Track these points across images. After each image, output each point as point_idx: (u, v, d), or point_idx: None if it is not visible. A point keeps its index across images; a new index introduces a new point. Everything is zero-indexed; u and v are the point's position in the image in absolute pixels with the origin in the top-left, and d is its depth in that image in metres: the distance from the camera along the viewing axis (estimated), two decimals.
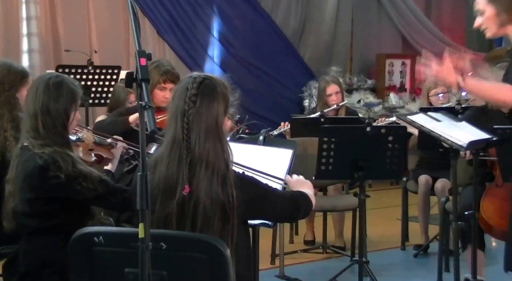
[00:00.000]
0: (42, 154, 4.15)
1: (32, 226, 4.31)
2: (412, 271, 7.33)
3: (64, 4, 10.57)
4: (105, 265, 3.35)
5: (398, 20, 14.08)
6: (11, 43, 10.20)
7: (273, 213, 3.77)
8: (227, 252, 3.22)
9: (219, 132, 3.52)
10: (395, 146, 6.26)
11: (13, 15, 10.20)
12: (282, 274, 6.87)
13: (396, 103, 12.72)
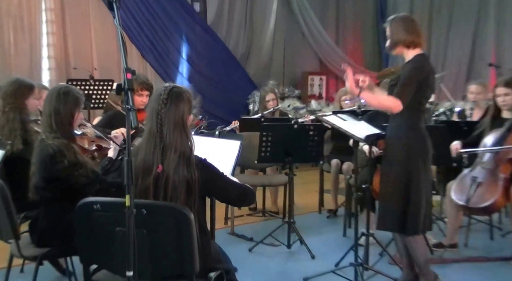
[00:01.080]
0: (53, 145, 4.21)
1: (48, 197, 4.34)
2: (326, 228, 7.35)
3: (73, 35, 10.49)
4: (102, 225, 3.35)
5: (316, 47, 14.14)
6: (35, 63, 10.11)
7: (223, 196, 3.76)
8: (191, 216, 3.22)
9: (185, 126, 3.52)
10: (315, 138, 6.32)
11: (37, 43, 10.11)
12: (233, 231, 6.89)
13: (316, 107, 12.77)
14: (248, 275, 5.11)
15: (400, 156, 4.76)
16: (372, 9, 15.30)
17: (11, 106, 5.19)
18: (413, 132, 4.73)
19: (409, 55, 4.75)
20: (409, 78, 4.61)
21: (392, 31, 4.76)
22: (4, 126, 5.13)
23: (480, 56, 13.76)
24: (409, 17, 4.90)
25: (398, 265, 5.47)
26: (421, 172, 4.72)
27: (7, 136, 5.07)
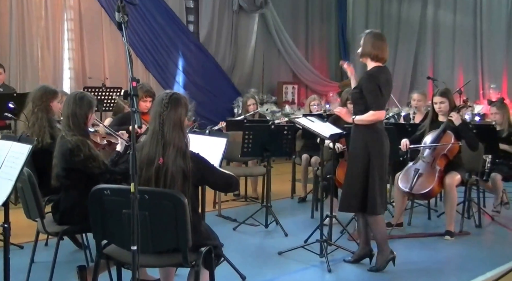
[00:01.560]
0: (71, 141, 4.21)
1: (67, 184, 4.32)
2: (297, 211, 7.36)
3: (89, 51, 10.49)
4: (111, 208, 3.34)
5: (289, 61, 14.18)
6: (58, 74, 10.11)
7: (212, 183, 3.74)
8: (185, 201, 3.21)
9: (182, 126, 3.53)
10: (288, 136, 6.32)
11: (59, 58, 10.11)
12: (220, 214, 6.85)
13: (289, 111, 12.76)
14: (233, 250, 5.09)
15: (360, 151, 4.81)
16: (334, 30, 15.35)
17: (39, 107, 5.16)
18: (370, 132, 4.76)
19: (370, 65, 4.79)
20: (371, 88, 4.66)
21: (363, 42, 4.78)
22: (34, 123, 5.12)
23: (420, 71, 13.92)
24: (379, 34, 4.88)
25: (356, 241, 5.49)
26: (376, 165, 4.76)
27: (37, 132, 5.06)
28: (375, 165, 4.76)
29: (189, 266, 3.37)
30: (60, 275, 4.44)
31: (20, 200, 5.74)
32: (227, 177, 3.69)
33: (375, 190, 4.77)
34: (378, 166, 4.78)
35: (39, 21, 9.71)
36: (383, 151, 4.81)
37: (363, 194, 4.81)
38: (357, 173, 4.83)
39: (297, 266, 5.10)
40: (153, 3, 11.29)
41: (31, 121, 5.13)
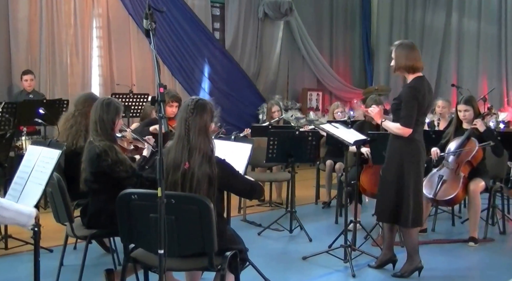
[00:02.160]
0: (99, 146, 4.24)
1: (95, 188, 4.35)
2: (321, 216, 7.34)
3: (117, 58, 10.55)
4: (138, 212, 3.35)
5: (314, 68, 14.11)
6: (86, 80, 10.17)
7: (236, 190, 3.76)
8: (211, 205, 3.22)
9: (207, 131, 3.54)
10: (313, 142, 6.30)
11: (87, 64, 10.19)
12: (245, 219, 6.86)
13: (313, 117, 12.74)
14: (257, 254, 5.07)
15: (396, 162, 4.75)
16: (358, 38, 15.27)
17: (79, 111, 5.22)
18: (408, 143, 4.70)
19: (409, 78, 4.73)
20: (409, 103, 4.60)
21: (396, 56, 4.71)
22: (73, 126, 5.17)
23: (444, 78, 13.78)
24: (410, 44, 4.81)
25: (380, 246, 5.47)
26: (412, 176, 4.70)
27: (73, 135, 5.11)
28: (410, 176, 4.70)
29: (215, 270, 3.37)
30: (88, 278, 4.47)
31: (49, 205, 5.82)
32: (251, 184, 3.69)
33: (409, 203, 4.70)
34: (414, 178, 4.71)
35: (68, 29, 9.81)
36: (419, 163, 4.75)
37: (396, 205, 4.75)
38: (391, 183, 4.78)
39: (321, 271, 5.09)
40: (179, 11, 11.35)
41: (70, 123, 5.19)
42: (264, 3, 12.78)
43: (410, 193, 4.71)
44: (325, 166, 7.69)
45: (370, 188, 6.04)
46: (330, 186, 7.82)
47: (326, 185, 7.83)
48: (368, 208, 7.34)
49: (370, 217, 6.82)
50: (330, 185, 7.81)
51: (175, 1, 11.20)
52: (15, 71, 9.03)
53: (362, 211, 6.63)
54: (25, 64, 9.16)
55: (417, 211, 4.79)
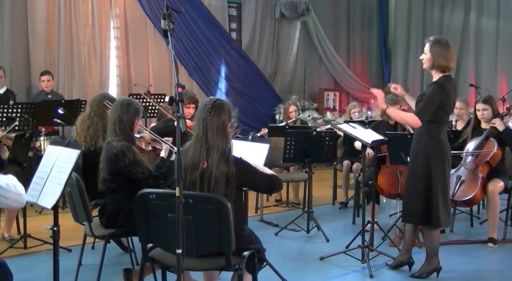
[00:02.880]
0: (117, 146, 4.27)
1: (113, 188, 4.38)
2: (338, 217, 7.33)
3: (134, 58, 10.57)
4: (156, 212, 3.37)
5: (331, 68, 14.05)
6: (104, 81, 10.22)
7: (255, 186, 3.76)
8: (228, 205, 3.23)
9: (225, 131, 3.55)
10: (330, 143, 6.27)
11: (105, 64, 10.23)
12: (262, 219, 6.87)
13: (330, 118, 12.70)
14: (274, 255, 5.08)
15: (421, 162, 4.71)
16: (375, 37, 15.19)
17: (95, 112, 5.26)
18: (433, 142, 4.66)
19: (436, 75, 4.68)
20: (430, 99, 4.56)
21: (431, 53, 4.64)
22: (90, 127, 5.22)
23: (462, 78, 13.66)
24: (447, 43, 4.74)
25: (397, 247, 5.46)
26: (438, 176, 4.66)
27: (91, 136, 5.16)
28: (437, 176, 4.66)
29: (232, 269, 3.38)
30: (107, 277, 4.51)
31: (67, 204, 5.87)
32: (269, 179, 3.69)
33: (438, 202, 4.66)
34: (440, 177, 4.68)
35: (86, 29, 9.87)
36: (446, 162, 4.71)
37: (424, 206, 4.71)
38: (418, 184, 4.74)
39: (339, 271, 5.08)
40: (196, 11, 11.37)
41: (87, 124, 5.23)
42: (280, 3, 12.77)
43: (439, 192, 4.66)
44: (342, 166, 7.68)
45: (388, 189, 6.02)
46: (347, 187, 7.80)
47: (343, 185, 7.82)
48: (385, 208, 7.32)
49: (388, 217, 6.83)
50: (347, 186, 7.80)
51: (192, 2, 11.23)
52: (34, 71, 9.10)
53: (379, 211, 6.61)
54: (44, 65, 9.24)
55: (446, 210, 4.77)
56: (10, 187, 2.60)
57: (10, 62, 8.95)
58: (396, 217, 6.17)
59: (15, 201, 2.63)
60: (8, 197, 2.59)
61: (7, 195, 2.59)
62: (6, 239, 5.78)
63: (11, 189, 2.61)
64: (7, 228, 5.89)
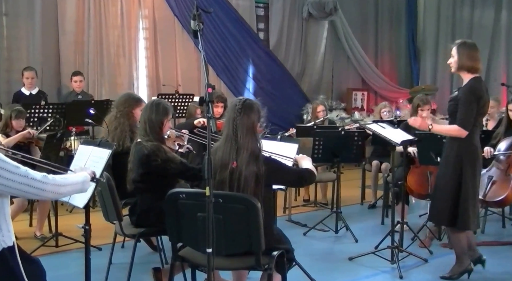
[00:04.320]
0: (147, 146, 4.29)
1: (142, 188, 4.41)
2: (367, 217, 7.29)
3: (163, 59, 10.62)
4: (186, 211, 3.40)
5: (358, 68, 13.96)
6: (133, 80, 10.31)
7: (286, 181, 3.80)
8: (258, 205, 3.24)
9: (255, 131, 3.57)
10: (358, 142, 6.26)
11: (134, 65, 10.30)
12: (290, 219, 6.86)
13: (358, 117, 12.63)
14: (303, 255, 5.07)
15: (452, 164, 4.67)
16: (404, 36, 15.07)
17: (121, 113, 5.30)
18: (465, 144, 4.60)
19: (466, 77, 4.65)
20: (468, 106, 4.52)
21: (458, 55, 4.63)
22: (117, 128, 5.26)
23: (493, 77, 13.49)
24: (473, 44, 4.74)
25: (427, 248, 5.42)
26: (469, 179, 4.61)
27: (119, 137, 5.20)
28: (468, 179, 4.61)
29: (262, 269, 3.39)
30: (136, 276, 4.55)
31: (97, 204, 5.94)
32: (299, 172, 3.71)
33: (467, 205, 4.61)
34: (471, 180, 4.63)
35: (115, 30, 9.96)
36: (476, 165, 4.66)
37: (452, 208, 4.66)
38: (447, 186, 4.69)
39: (368, 272, 5.07)
40: (224, 11, 11.40)
41: (113, 126, 5.28)
42: (308, 3, 12.74)
43: (469, 195, 4.61)
44: (371, 166, 7.65)
45: (417, 189, 5.98)
46: (376, 187, 7.76)
47: (372, 185, 7.78)
48: (414, 209, 7.26)
49: (417, 218, 6.77)
50: (376, 186, 7.76)
51: (219, 2, 11.25)
52: (64, 72, 9.20)
53: (408, 212, 6.54)
54: (74, 65, 9.34)
55: (474, 214, 4.71)
56: (46, 179, 2.63)
57: (41, 63, 9.06)
58: (426, 217, 6.11)
59: (52, 192, 2.66)
60: (45, 189, 2.62)
61: (44, 187, 2.62)
62: (38, 238, 5.88)
63: (48, 181, 2.63)
64: (39, 227, 5.99)
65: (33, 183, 2.58)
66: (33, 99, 7.91)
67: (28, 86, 8.14)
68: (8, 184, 2.53)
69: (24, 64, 8.66)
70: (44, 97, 8.00)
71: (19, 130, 6.12)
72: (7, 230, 2.66)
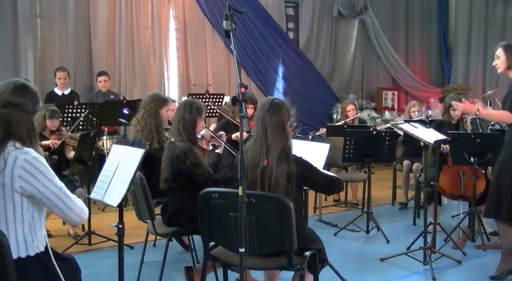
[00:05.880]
0: (179, 146, 4.33)
1: (175, 187, 4.44)
2: (398, 217, 7.24)
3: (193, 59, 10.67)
4: (218, 211, 3.40)
5: (389, 66, 13.87)
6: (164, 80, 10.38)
7: (315, 184, 3.74)
8: (290, 205, 3.23)
9: (285, 129, 3.57)
10: (389, 142, 6.21)
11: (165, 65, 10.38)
12: (320, 219, 6.84)
13: (389, 117, 12.54)
14: (334, 255, 5.03)
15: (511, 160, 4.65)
16: (435, 35, 14.91)
17: (148, 113, 5.35)
18: None
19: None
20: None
21: (507, 55, 4.66)
22: (144, 128, 5.31)
23: None
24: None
25: (461, 249, 5.36)
26: None
27: (146, 137, 5.24)
28: None
29: (294, 269, 3.38)
30: (168, 274, 4.58)
31: (129, 202, 5.99)
32: (330, 178, 3.69)
33: None
34: None
35: (146, 31, 10.04)
36: None
37: (509, 203, 4.60)
38: (505, 181, 4.64)
39: (400, 273, 5.02)
40: (253, 11, 11.41)
41: (141, 125, 5.32)
42: (338, 2, 12.68)
43: None
44: (402, 166, 7.58)
45: (450, 189, 5.91)
46: (407, 187, 7.70)
47: (403, 185, 7.72)
48: (447, 209, 7.18)
49: (450, 218, 6.70)
50: (407, 186, 7.70)
51: (249, 2, 11.26)
52: (96, 72, 9.27)
53: (440, 212, 6.48)
54: (105, 66, 9.44)
55: None
56: (77, 200, 2.72)
57: (74, 63, 9.18)
58: (459, 218, 6.06)
59: (77, 215, 2.74)
60: (72, 209, 2.70)
61: (72, 207, 2.70)
62: (72, 236, 5.96)
63: (77, 203, 2.71)
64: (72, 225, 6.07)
65: (64, 198, 2.67)
66: (66, 99, 8.02)
67: (60, 86, 8.25)
68: (42, 190, 2.59)
69: (57, 64, 8.78)
70: (77, 97, 8.10)
71: (53, 130, 6.19)
72: (41, 235, 2.74)
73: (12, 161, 2.55)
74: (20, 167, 2.55)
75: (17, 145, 2.61)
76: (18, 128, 2.63)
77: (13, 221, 2.62)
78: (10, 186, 2.56)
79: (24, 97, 2.67)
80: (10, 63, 8.64)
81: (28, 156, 2.58)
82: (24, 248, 2.64)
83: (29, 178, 2.57)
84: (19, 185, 2.56)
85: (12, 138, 2.61)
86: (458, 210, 6.51)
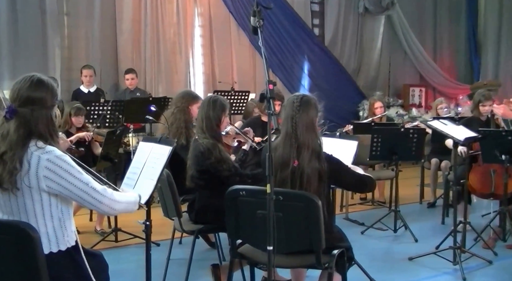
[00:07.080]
0: (203, 143, 4.32)
1: (201, 184, 4.45)
2: (426, 216, 7.18)
3: (218, 56, 10.71)
4: (246, 208, 3.40)
5: (416, 63, 13.76)
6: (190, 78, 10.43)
7: (345, 183, 3.73)
8: (319, 203, 3.22)
9: (314, 127, 3.54)
10: (417, 140, 6.15)
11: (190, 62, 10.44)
12: (347, 217, 6.82)
13: (416, 114, 12.44)
14: (361, 253, 4.98)
15: None
16: (464, 30, 14.74)
17: (178, 109, 5.37)
18: None
19: None
20: None
21: None
22: (173, 123, 5.33)
23: None
24: None
25: (491, 249, 5.30)
26: None
27: (174, 133, 5.26)
28: None
29: (322, 268, 3.36)
30: (194, 272, 4.58)
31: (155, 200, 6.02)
32: (361, 177, 3.66)
33: None
34: None
35: (171, 28, 10.10)
36: None
37: None
38: None
39: (429, 273, 4.97)
40: (279, 8, 11.39)
41: (170, 121, 5.35)
42: None
43: None
44: (430, 164, 7.51)
45: (480, 188, 5.83)
46: (435, 185, 7.62)
47: (431, 184, 7.65)
48: (476, 208, 7.09)
49: (480, 218, 6.61)
50: (435, 184, 7.62)
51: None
52: (121, 70, 9.35)
53: (470, 211, 6.40)
54: (131, 63, 9.51)
55: None
56: (105, 192, 2.73)
57: (100, 61, 9.26)
58: (489, 217, 5.97)
59: (108, 206, 2.75)
60: (102, 202, 2.72)
61: (102, 199, 2.71)
62: (98, 232, 6.02)
63: (106, 195, 2.72)
64: (99, 222, 6.14)
65: (92, 192, 2.68)
66: (91, 96, 8.09)
67: (86, 84, 8.32)
68: (69, 188, 2.61)
69: (83, 62, 8.86)
70: (103, 94, 8.16)
71: (78, 126, 6.26)
72: (71, 230, 2.76)
73: (35, 162, 2.57)
74: (44, 167, 2.57)
75: (38, 144, 2.61)
76: (38, 125, 2.64)
77: (43, 219, 2.64)
78: (37, 187, 2.58)
79: (41, 92, 2.67)
80: (40, 61, 8.76)
81: (51, 155, 2.59)
82: (55, 243, 2.67)
83: (55, 177, 2.58)
84: (46, 184, 2.58)
85: (33, 137, 2.62)
86: (488, 209, 6.42)
